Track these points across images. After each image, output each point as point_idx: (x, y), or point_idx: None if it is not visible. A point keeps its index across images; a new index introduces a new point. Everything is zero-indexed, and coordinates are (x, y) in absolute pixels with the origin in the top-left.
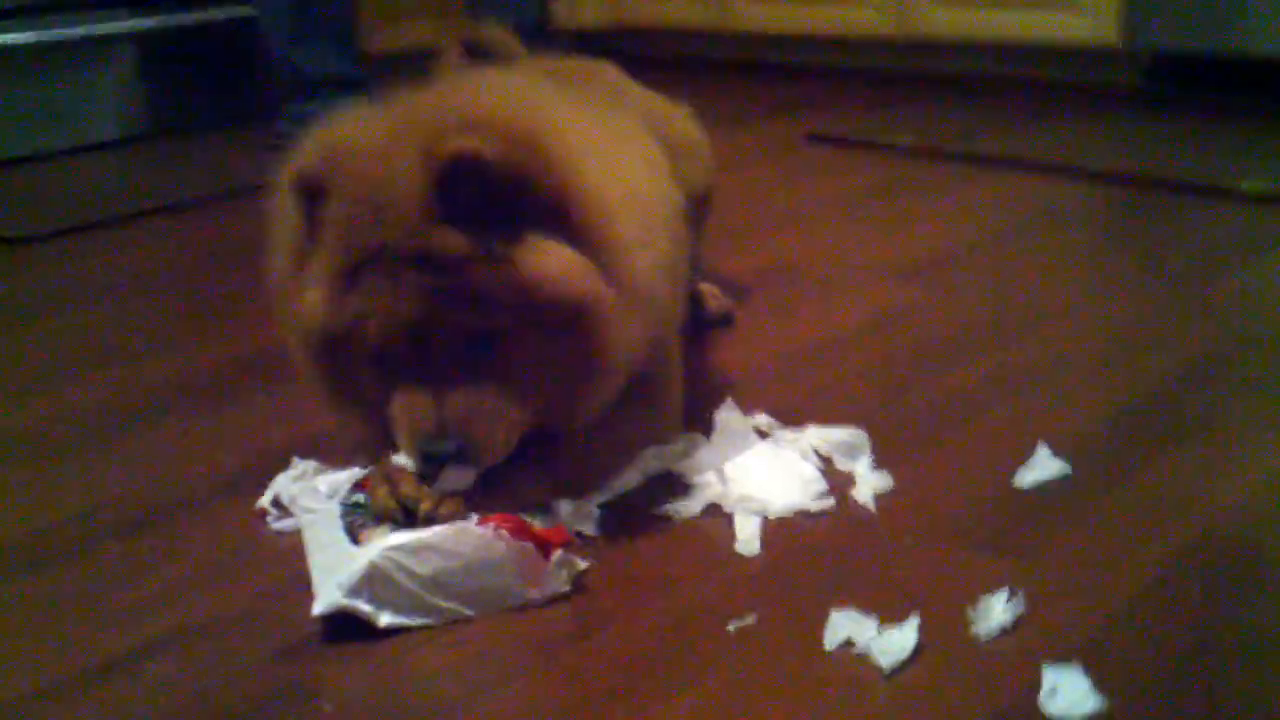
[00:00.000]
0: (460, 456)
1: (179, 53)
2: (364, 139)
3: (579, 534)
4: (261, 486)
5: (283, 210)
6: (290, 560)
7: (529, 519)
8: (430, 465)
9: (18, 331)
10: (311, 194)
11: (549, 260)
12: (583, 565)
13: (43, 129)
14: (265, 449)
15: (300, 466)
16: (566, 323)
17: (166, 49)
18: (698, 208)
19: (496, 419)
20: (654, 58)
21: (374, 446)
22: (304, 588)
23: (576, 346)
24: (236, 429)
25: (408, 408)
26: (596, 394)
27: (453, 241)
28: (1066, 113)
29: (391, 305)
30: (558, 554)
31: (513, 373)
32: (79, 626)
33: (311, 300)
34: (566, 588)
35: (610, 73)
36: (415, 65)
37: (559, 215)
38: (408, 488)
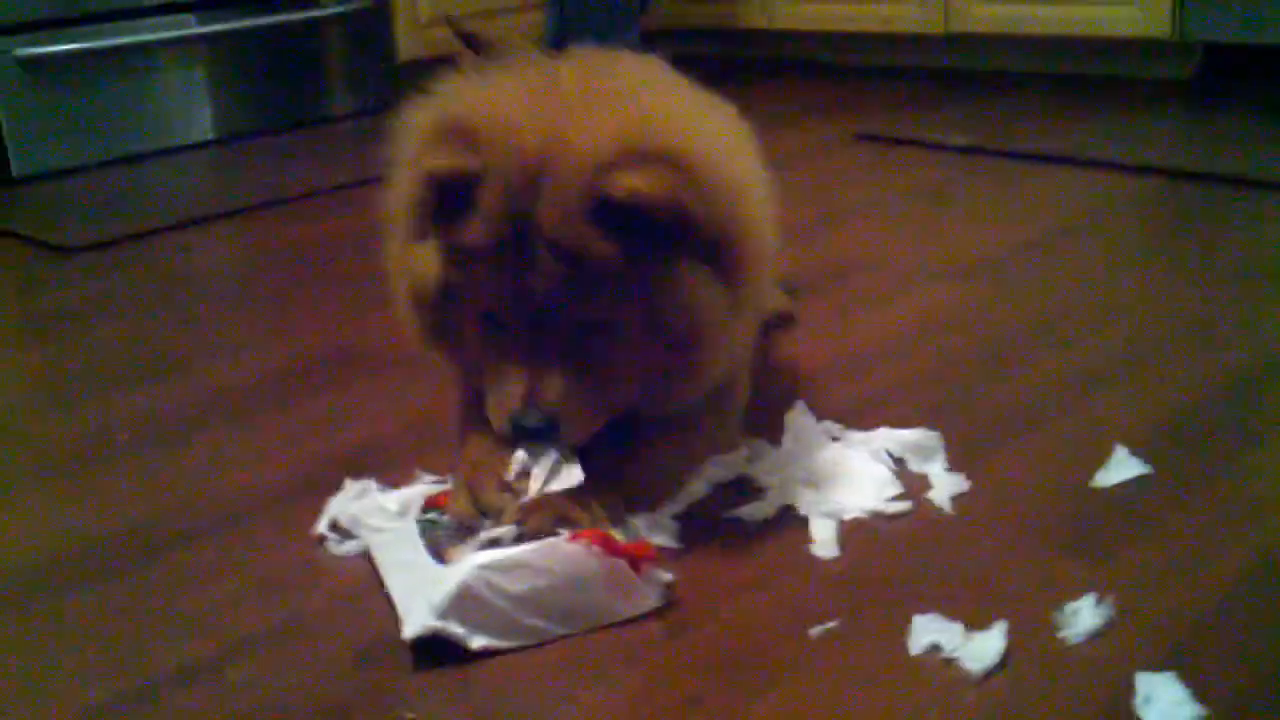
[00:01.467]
0: (546, 432)
1: (296, 48)
2: (521, 114)
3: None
4: (326, 491)
5: (402, 174)
6: (361, 566)
7: (613, 532)
8: (516, 436)
9: (72, 339)
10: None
11: (688, 290)
12: (670, 579)
13: (142, 130)
14: (328, 454)
15: (354, 487)
16: (681, 338)
17: (283, 44)
18: None
19: (586, 404)
20: (695, 56)
21: (472, 437)
22: (378, 593)
23: (683, 357)
24: (298, 434)
25: (503, 377)
26: (689, 396)
27: (602, 251)
28: (1118, 107)
29: (518, 278)
30: (647, 569)
31: (613, 365)
32: (153, 633)
33: (428, 253)
34: (659, 604)
35: (663, 68)
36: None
37: (713, 249)
38: (490, 496)
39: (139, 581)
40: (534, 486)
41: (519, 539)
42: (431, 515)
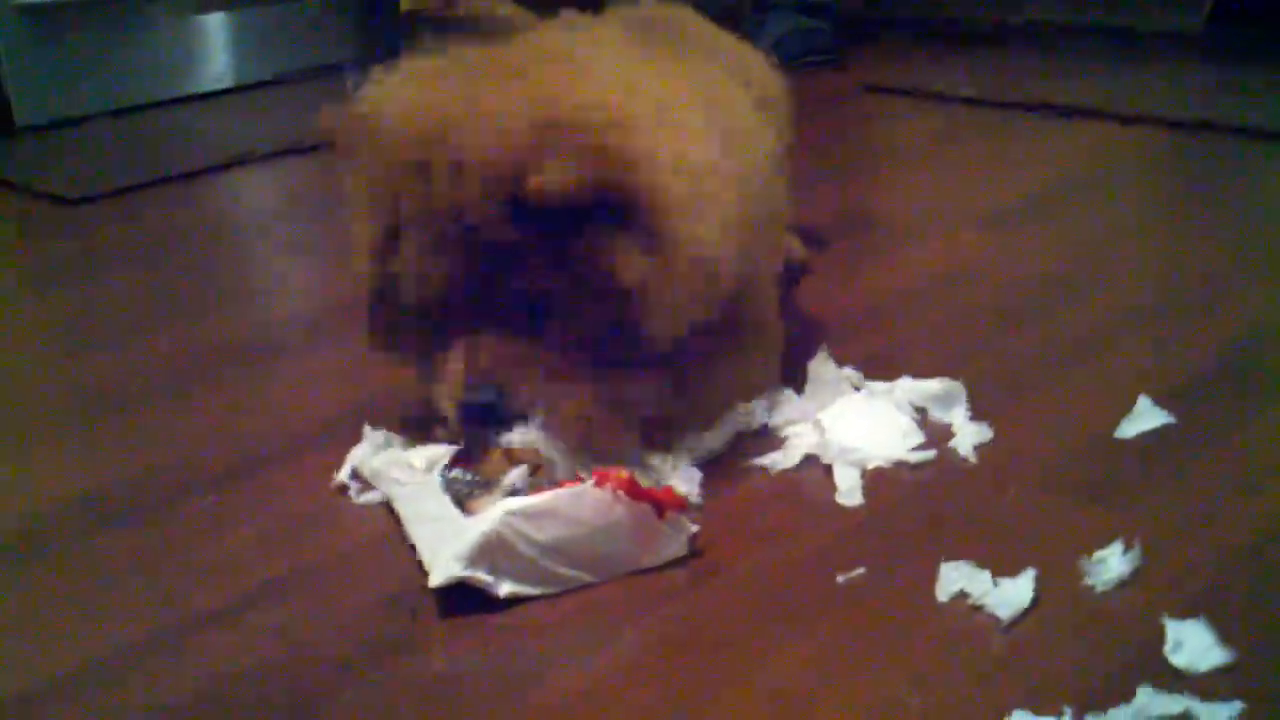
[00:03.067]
0: (492, 406)
1: None
2: (428, 98)
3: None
4: (347, 437)
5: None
6: (386, 512)
7: (637, 474)
8: (466, 416)
9: (82, 289)
10: (353, 149)
11: (607, 258)
12: (694, 529)
13: (149, 78)
14: (349, 401)
15: (373, 437)
16: (612, 301)
17: None
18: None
19: (527, 363)
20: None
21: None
22: (400, 539)
23: (622, 316)
24: (317, 380)
25: (442, 361)
26: (653, 347)
27: (514, 233)
28: (1127, 59)
29: (435, 263)
30: (671, 516)
31: (549, 329)
32: (176, 578)
33: (358, 249)
34: (682, 552)
35: (691, 19)
36: None
37: (627, 211)
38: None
39: (158, 528)
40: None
41: (540, 483)
42: (456, 473)
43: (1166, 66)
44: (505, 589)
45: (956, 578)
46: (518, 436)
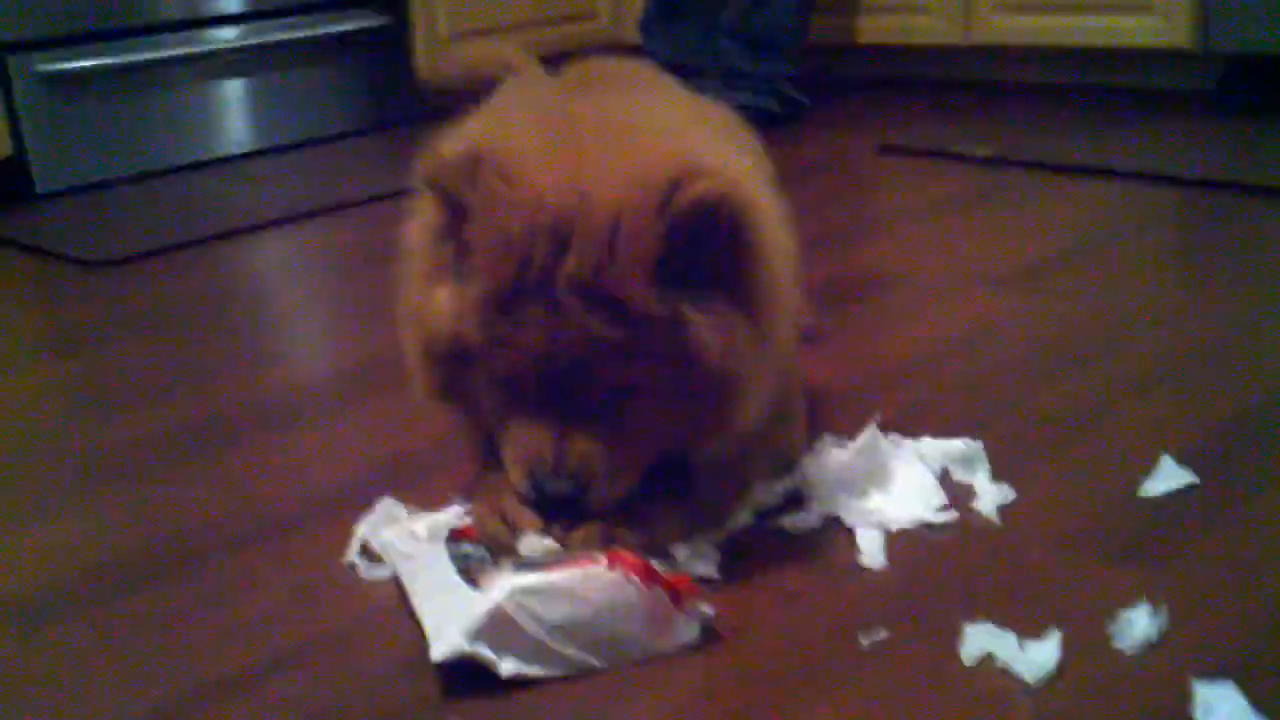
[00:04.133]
0: (572, 500)
1: (317, 64)
2: (536, 154)
3: (702, 579)
4: (364, 503)
5: (419, 215)
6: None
7: (654, 563)
8: (539, 500)
9: (102, 352)
10: (461, 206)
11: (721, 331)
12: (711, 613)
13: (166, 145)
14: (366, 465)
15: (381, 508)
16: (712, 385)
17: (304, 59)
18: None
19: (615, 467)
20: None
21: (485, 478)
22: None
23: (712, 406)
24: (334, 446)
25: (527, 438)
26: (722, 443)
27: (641, 292)
28: (1142, 118)
29: (544, 339)
30: (688, 603)
31: (641, 425)
32: (196, 643)
33: (443, 306)
34: (696, 638)
35: (649, 71)
36: None
37: (740, 276)
38: (518, 513)
39: (178, 593)
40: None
41: (553, 562)
42: (465, 546)
43: (1179, 125)
44: (508, 668)
45: (982, 639)
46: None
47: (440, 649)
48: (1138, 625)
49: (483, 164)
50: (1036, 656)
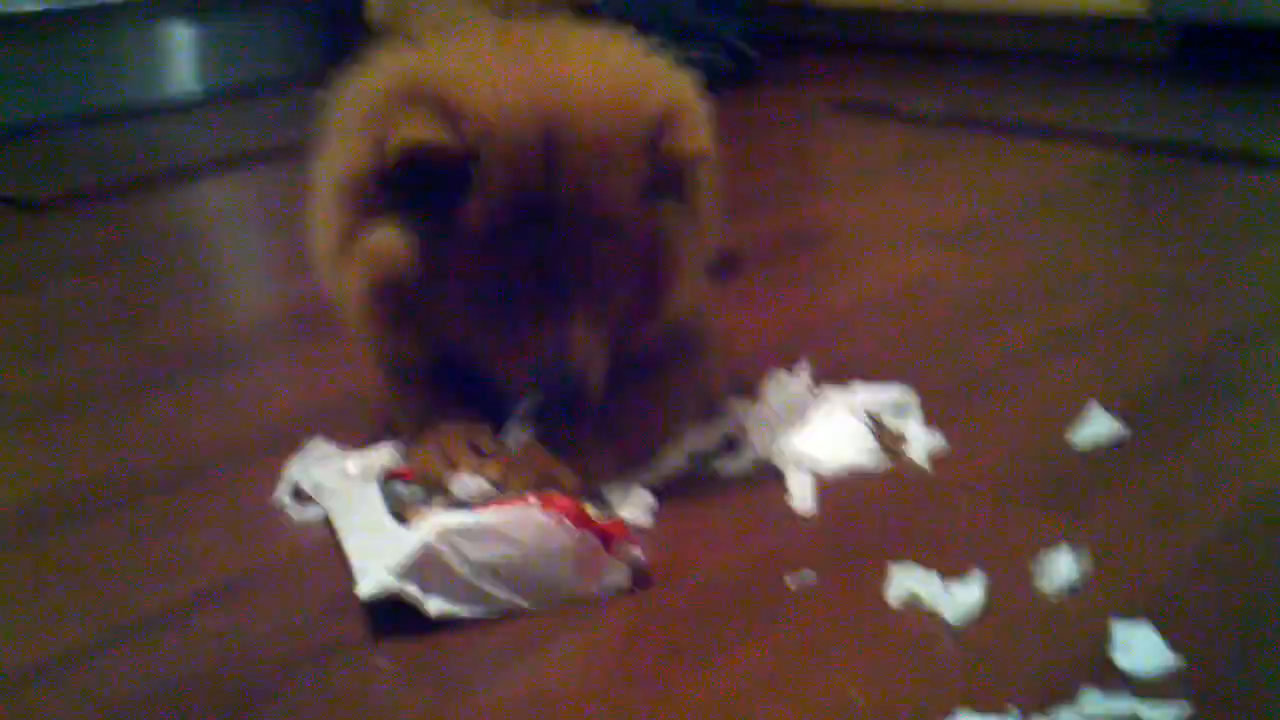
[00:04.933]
0: (573, 386)
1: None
2: (503, 80)
3: (632, 525)
4: (296, 444)
5: (362, 129)
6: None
7: (588, 506)
8: (547, 391)
9: (39, 293)
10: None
11: (674, 230)
12: (641, 557)
13: (110, 87)
14: (297, 407)
15: (312, 448)
16: (662, 277)
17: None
18: None
19: (599, 356)
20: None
21: (430, 410)
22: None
23: (655, 297)
24: (268, 387)
25: (526, 332)
26: (654, 336)
27: (629, 212)
28: (1094, 83)
29: (535, 254)
30: (619, 547)
31: (614, 316)
32: (120, 581)
33: (391, 240)
34: (626, 583)
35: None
36: None
37: (693, 186)
38: (464, 455)
39: (106, 531)
40: (514, 437)
41: (486, 502)
42: (396, 485)
43: (1131, 90)
44: (435, 607)
45: (907, 581)
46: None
47: (367, 586)
48: (1060, 568)
49: (456, 98)
50: (960, 597)
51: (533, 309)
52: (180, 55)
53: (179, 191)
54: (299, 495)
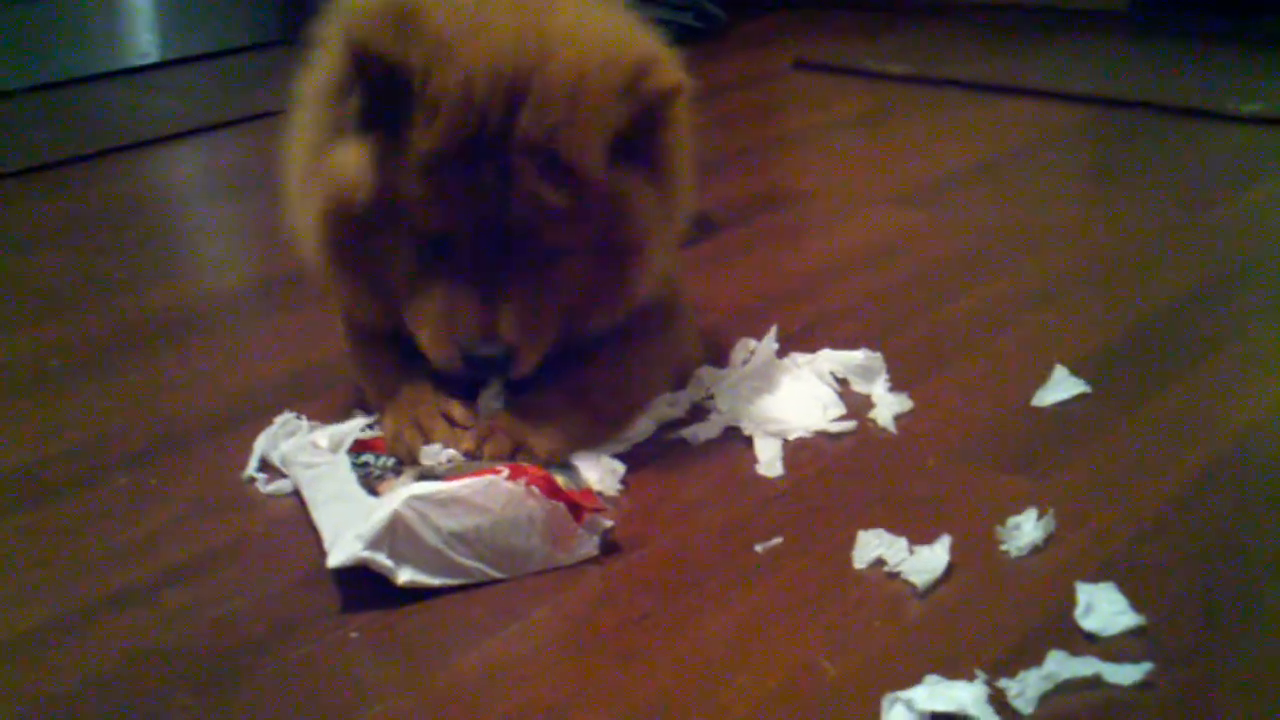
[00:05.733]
0: (500, 364)
1: None
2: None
3: (602, 494)
4: (264, 417)
5: (318, 66)
6: (299, 495)
7: (557, 476)
8: (470, 367)
9: (6, 264)
10: (406, 58)
11: (640, 194)
12: (609, 525)
13: (76, 53)
14: (267, 379)
15: (280, 422)
16: (623, 252)
17: None
18: None
19: (538, 332)
20: None
21: (398, 383)
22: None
23: (620, 272)
24: (235, 360)
25: (454, 303)
26: (619, 314)
27: (594, 162)
28: (1057, 38)
29: (490, 198)
30: (588, 517)
31: (563, 289)
32: (91, 556)
33: (353, 160)
34: (595, 552)
35: None
36: None
37: (663, 157)
38: (437, 425)
39: (76, 506)
40: (486, 405)
41: (455, 472)
42: (366, 457)
43: (1092, 44)
44: (405, 576)
45: (874, 545)
46: (486, 403)
47: (337, 556)
48: (1025, 530)
49: (424, 15)
50: (926, 561)
51: (469, 267)
52: (141, 19)
53: (145, 160)
54: (268, 469)
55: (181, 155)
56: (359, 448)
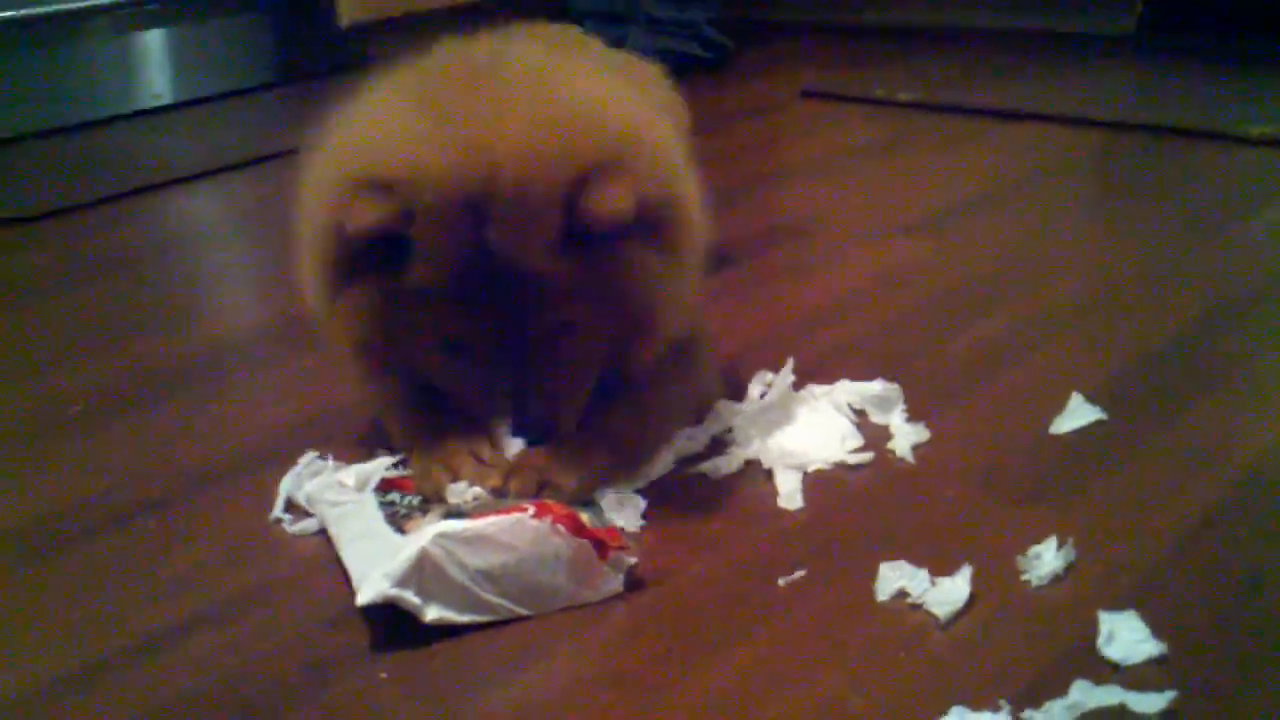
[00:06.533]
0: (549, 428)
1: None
2: (438, 138)
3: (624, 530)
4: (288, 460)
5: (320, 215)
6: (324, 534)
7: (581, 513)
8: (518, 429)
9: (23, 309)
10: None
11: (640, 274)
12: (633, 561)
13: (85, 97)
14: (290, 421)
15: (305, 463)
16: (638, 316)
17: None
18: None
19: (567, 398)
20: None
21: (427, 428)
22: (337, 560)
23: (640, 330)
24: (257, 401)
25: (490, 384)
26: (648, 359)
27: (569, 267)
28: (1065, 62)
29: (480, 303)
30: (613, 555)
31: (584, 354)
32: (116, 604)
33: (363, 298)
34: (620, 589)
35: (576, 34)
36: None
37: (656, 226)
38: (466, 464)
39: (99, 552)
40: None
41: (482, 509)
42: (392, 496)
43: (1099, 69)
44: (433, 614)
45: (895, 577)
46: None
47: (365, 594)
48: (1045, 559)
49: (393, 167)
50: (948, 592)
51: (492, 360)
52: (150, 62)
53: (157, 203)
54: (293, 509)
55: (191, 197)
56: (385, 486)
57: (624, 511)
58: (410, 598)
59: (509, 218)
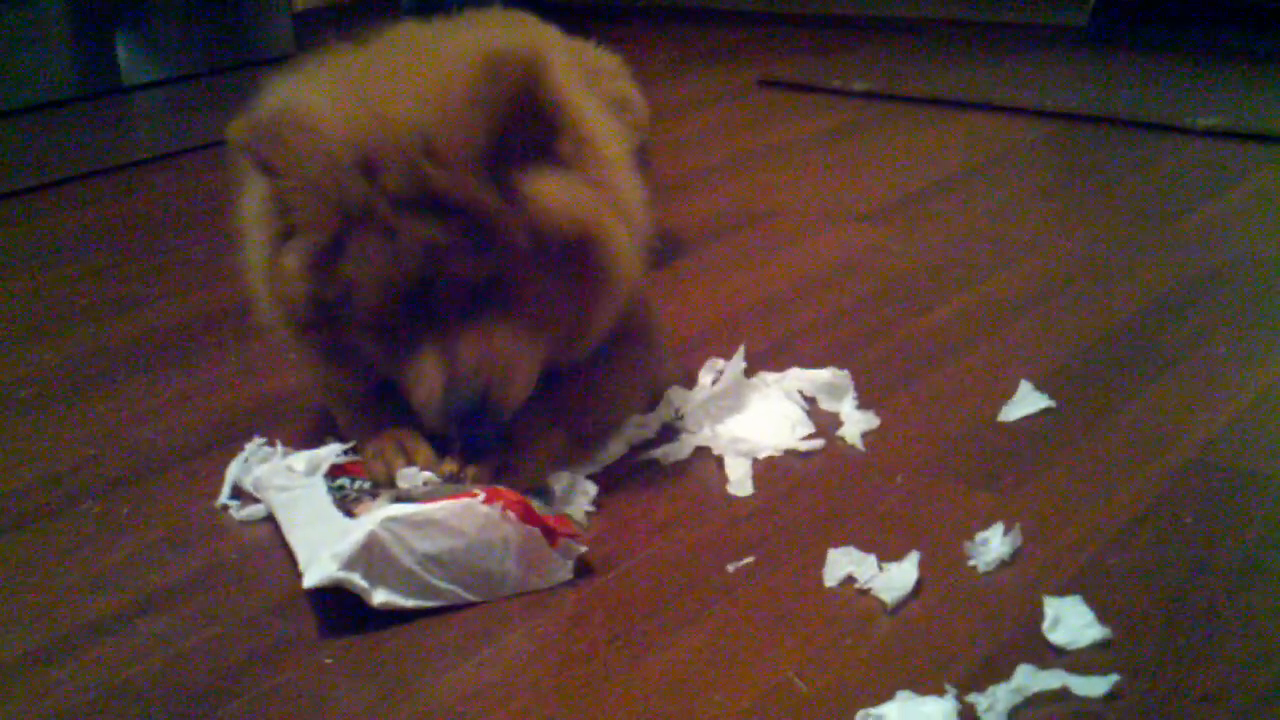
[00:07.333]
0: (484, 407)
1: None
2: (335, 93)
3: (573, 517)
4: (235, 444)
5: (250, 184)
6: (273, 520)
7: (531, 500)
8: (460, 424)
9: None
10: (272, 170)
11: (553, 190)
12: (582, 549)
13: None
14: (236, 407)
15: (251, 449)
16: (574, 250)
17: None
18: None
19: (511, 361)
20: (590, 3)
21: (378, 418)
22: (285, 546)
23: (584, 271)
24: (206, 386)
25: (417, 372)
26: (604, 316)
27: (460, 180)
28: (1016, 53)
29: (387, 266)
30: (562, 542)
31: (521, 310)
32: (64, 587)
33: (291, 270)
34: (569, 576)
35: (533, 23)
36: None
37: (551, 140)
38: (425, 456)
39: (48, 536)
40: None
41: (432, 494)
42: (342, 481)
43: (1052, 60)
44: (380, 597)
45: (843, 563)
46: None
47: (313, 576)
48: (992, 545)
49: (282, 121)
50: (895, 578)
51: (413, 337)
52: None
53: (109, 187)
54: (240, 495)
55: (145, 181)
56: (335, 472)
57: (574, 498)
58: (358, 581)
59: (409, 153)
